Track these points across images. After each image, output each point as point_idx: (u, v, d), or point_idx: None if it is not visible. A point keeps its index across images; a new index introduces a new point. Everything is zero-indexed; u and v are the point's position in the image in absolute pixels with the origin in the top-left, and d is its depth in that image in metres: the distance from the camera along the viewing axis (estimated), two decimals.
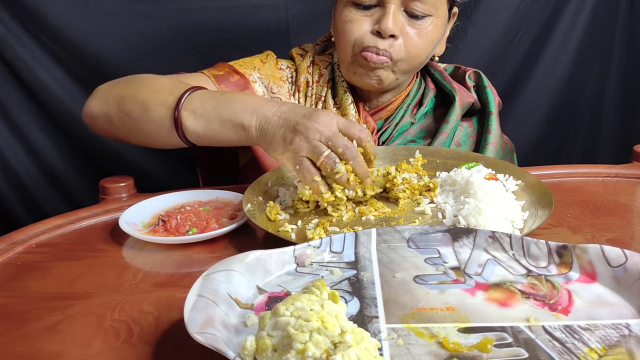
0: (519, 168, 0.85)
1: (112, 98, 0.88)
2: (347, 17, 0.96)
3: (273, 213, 0.77)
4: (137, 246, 0.73)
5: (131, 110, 0.85)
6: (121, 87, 0.90)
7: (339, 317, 0.42)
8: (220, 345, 0.43)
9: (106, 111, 0.88)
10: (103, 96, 0.90)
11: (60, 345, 0.52)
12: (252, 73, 1.04)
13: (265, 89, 1.04)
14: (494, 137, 1.07)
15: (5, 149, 1.43)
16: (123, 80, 0.92)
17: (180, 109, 0.80)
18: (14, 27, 1.34)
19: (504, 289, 0.55)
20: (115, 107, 0.87)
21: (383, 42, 0.94)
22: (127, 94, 0.87)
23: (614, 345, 0.46)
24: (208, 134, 0.81)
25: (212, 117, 0.80)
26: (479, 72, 1.14)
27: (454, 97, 1.06)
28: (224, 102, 0.80)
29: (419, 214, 0.78)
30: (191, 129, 0.81)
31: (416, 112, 1.09)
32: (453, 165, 0.90)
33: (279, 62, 1.09)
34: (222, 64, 1.05)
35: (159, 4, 1.39)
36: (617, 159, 1.09)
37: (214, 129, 0.80)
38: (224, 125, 0.79)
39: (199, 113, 0.80)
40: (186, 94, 0.81)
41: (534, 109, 1.69)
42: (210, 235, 0.71)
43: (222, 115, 0.79)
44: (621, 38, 1.65)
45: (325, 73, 1.08)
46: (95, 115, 0.90)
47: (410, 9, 0.94)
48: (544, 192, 0.76)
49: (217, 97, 0.82)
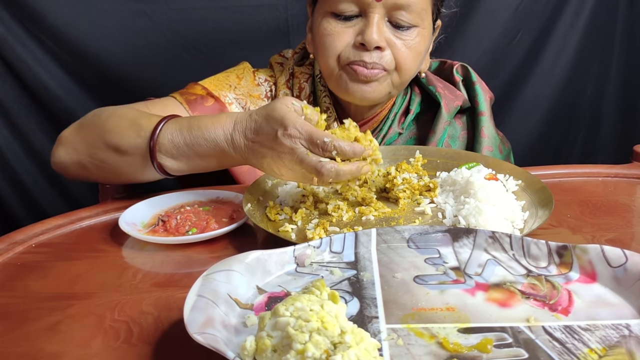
0: (519, 168, 0.85)
1: (81, 146, 0.84)
2: (327, 29, 0.90)
3: (273, 213, 0.76)
4: (137, 246, 0.73)
5: (105, 157, 0.81)
6: (86, 133, 0.85)
7: (339, 317, 0.42)
8: (220, 346, 0.43)
9: (77, 160, 0.84)
10: (70, 145, 0.85)
11: (60, 345, 0.52)
12: (228, 94, 0.99)
13: (243, 109, 0.99)
14: (489, 140, 1.02)
15: (5, 149, 1.43)
16: (85, 124, 0.87)
17: (156, 154, 0.77)
18: (14, 27, 1.34)
19: (504, 289, 0.55)
20: (86, 155, 0.83)
21: (370, 55, 0.88)
22: (95, 140, 0.82)
23: (614, 345, 0.46)
24: (193, 167, 0.79)
25: (190, 155, 0.77)
26: (467, 67, 1.09)
27: (439, 103, 1.01)
28: (194, 137, 0.76)
29: (419, 214, 0.78)
30: (175, 168, 0.79)
31: (403, 120, 1.04)
32: (453, 166, 0.89)
33: (256, 75, 1.04)
34: (193, 85, 1.00)
35: (159, 4, 1.39)
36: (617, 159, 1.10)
37: (197, 164, 0.78)
38: (205, 158, 0.77)
39: (175, 154, 0.77)
40: (155, 135, 0.77)
41: (534, 109, 1.69)
42: (210, 235, 0.71)
43: (199, 151, 0.76)
44: (621, 38, 1.65)
45: (305, 87, 1.02)
46: (65, 164, 0.86)
47: (395, 19, 0.88)
48: (545, 193, 0.76)
49: (184, 131, 0.77)
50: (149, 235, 0.72)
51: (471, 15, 1.55)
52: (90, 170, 0.84)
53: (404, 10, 0.87)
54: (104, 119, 0.84)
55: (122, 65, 1.41)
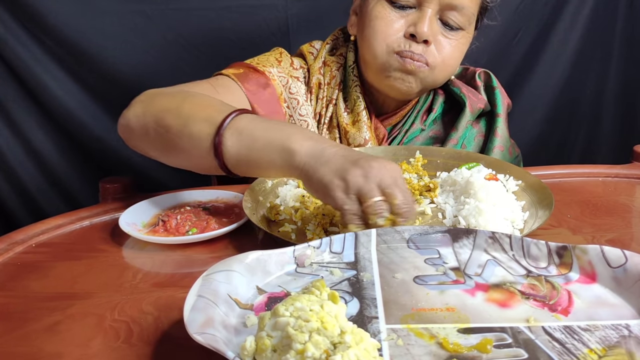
0: (519, 168, 0.85)
1: (153, 110, 0.80)
2: (381, 13, 0.92)
3: (273, 213, 0.76)
4: (137, 246, 0.73)
5: (171, 124, 0.76)
6: (164, 99, 0.82)
7: (339, 317, 0.42)
8: (220, 346, 0.43)
9: (143, 123, 0.80)
10: (142, 107, 0.82)
11: (60, 345, 0.52)
12: (271, 70, 1.00)
13: (284, 88, 1.00)
14: (501, 140, 1.05)
15: (5, 149, 1.43)
16: (165, 92, 0.85)
17: (225, 128, 0.71)
18: (14, 27, 1.34)
19: (503, 289, 0.55)
20: (153, 120, 0.79)
21: (417, 47, 0.91)
22: (171, 106, 0.79)
23: (614, 346, 0.46)
24: (249, 155, 0.71)
25: (259, 137, 0.70)
26: (489, 73, 1.12)
27: (464, 103, 1.04)
28: (279, 125, 0.72)
29: (419, 214, 0.78)
30: (232, 151, 0.71)
31: (426, 118, 1.07)
32: (453, 166, 0.89)
33: (293, 60, 1.05)
34: (238, 64, 1.00)
35: (159, 4, 1.39)
36: (617, 159, 1.09)
37: (258, 149, 0.70)
38: (270, 147, 0.69)
39: (245, 132, 0.71)
40: (234, 113, 0.73)
41: (534, 109, 1.69)
42: (210, 235, 0.71)
43: (272, 136, 0.69)
44: (621, 38, 1.65)
45: (337, 75, 1.04)
46: (132, 127, 0.82)
47: (446, 18, 0.91)
48: (545, 193, 0.76)
49: (273, 121, 0.74)
50: (149, 235, 0.72)
51: None
52: (151, 139, 0.79)
53: (456, 11, 0.91)
54: (187, 92, 0.84)
55: (122, 65, 1.41)
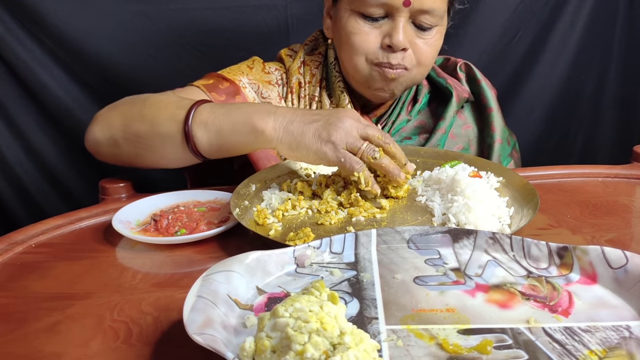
0: (498, 165, 0.88)
1: (116, 120, 0.86)
2: (355, 28, 0.94)
3: (261, 217, 0.76)
4: (136, 247, 0.73)
5: (138, 129, 0.83)
6: (124, 109, 0.88)
7: (338, 318, 0.42)
8: (219, 346, 0.43)
9: (110, 135, 0.86)
10: (105, 120, 0.88)
11: (60, 345, 0.52)
12: (241, 78, 1.03)
13: (256, 94, 1.03)
14: (499, 133, 1.08)
15: (5, 149, 1.42)
16: (123, 102, 0.90)
17: (190, 122, 0.79)
18: (14, 27, 1.34)
19: (504, 290, 0.55)
20: (120, 129, 0.85)
21: (395, 56, 0.93)
22: (133, 114, 0.85)
23: (614, 347, 0.46)
24: (220, 142, 0.80)
25: (223, 125, 0.78)
26: (470, 64, 1.14)
27: (450, 93, 1.06)
28: (235, 108, 0.80)
29: (408, 211, 0.77)
30: (203, 141, 0.80)
31: (411, 108, 1.09)
32: (434, 165, 0.91)
33: (266, 66, 1.08)
34: (210, 75, 1.03)
35: (159, 4, 1.39)
36: (617, 159, 1.09)
37: (227, 135, 0.79)
38: (237, 131, 0.78)
39: (209, 123, 0.79)
40: (195, 106, 0.80)
41: (533, 109, 1.69)
42: (196, 237, 0.71)
43: (235, 120, 0.78)
44: (621, 37, 1.65)
45: (316, 73, 1.07)
46: (98, 140, 0.88)
47: (419, 22, 0.93)
48: (526, 188, 0.77)
49: (227, 105, 0.81)
50: (140, 234, 0.72)
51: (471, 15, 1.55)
52: (122, 147, 0.86)
53: (428, 14, 0.92)
54: (145, 97, 0.88)
55: (122, 65, 1.41)
